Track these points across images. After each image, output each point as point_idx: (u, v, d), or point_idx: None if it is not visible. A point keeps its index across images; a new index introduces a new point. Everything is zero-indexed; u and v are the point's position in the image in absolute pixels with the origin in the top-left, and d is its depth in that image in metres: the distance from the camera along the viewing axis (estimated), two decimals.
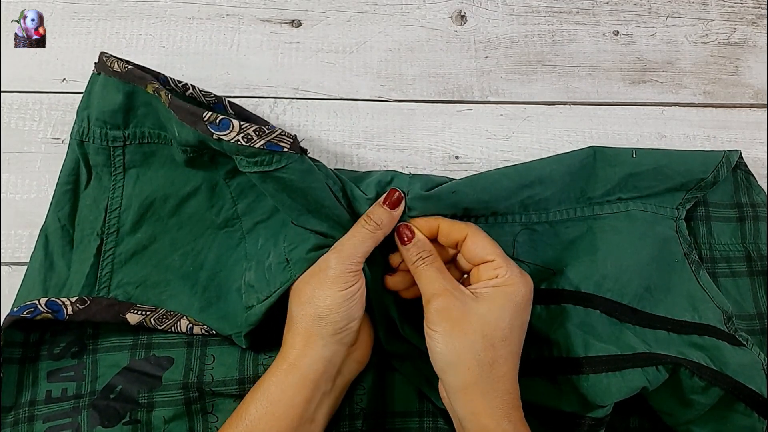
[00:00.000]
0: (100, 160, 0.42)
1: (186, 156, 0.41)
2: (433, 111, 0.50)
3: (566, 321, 0.40)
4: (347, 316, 0.36)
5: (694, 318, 0.41)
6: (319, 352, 0.36)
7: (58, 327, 0.40)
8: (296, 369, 0.35)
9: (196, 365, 0.40)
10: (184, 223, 0.42)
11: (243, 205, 0.43)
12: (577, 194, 0.44)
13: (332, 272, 0.36)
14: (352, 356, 0.38)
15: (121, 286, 0.40)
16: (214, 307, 0.41)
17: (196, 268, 0.42)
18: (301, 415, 0.34)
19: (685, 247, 0.44)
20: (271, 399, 0.35)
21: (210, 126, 0.35)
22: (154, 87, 0.40)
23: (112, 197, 0.42)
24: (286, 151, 0.36)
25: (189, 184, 0.42)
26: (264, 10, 0.52)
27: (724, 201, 0.48)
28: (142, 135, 0.42)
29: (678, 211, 0.45)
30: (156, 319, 0.40)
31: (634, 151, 0.44)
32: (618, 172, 0.43)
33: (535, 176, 0.41)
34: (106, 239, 0.41)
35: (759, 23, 0.54)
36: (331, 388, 0.37)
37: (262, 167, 0.36)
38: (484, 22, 0.53)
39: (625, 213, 0.44)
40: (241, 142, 0.35)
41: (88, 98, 0.42)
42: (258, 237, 0.42)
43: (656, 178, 0.44)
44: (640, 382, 0.37)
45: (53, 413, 0.38)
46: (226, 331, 0.40)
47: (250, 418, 0.34)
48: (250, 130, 0.35)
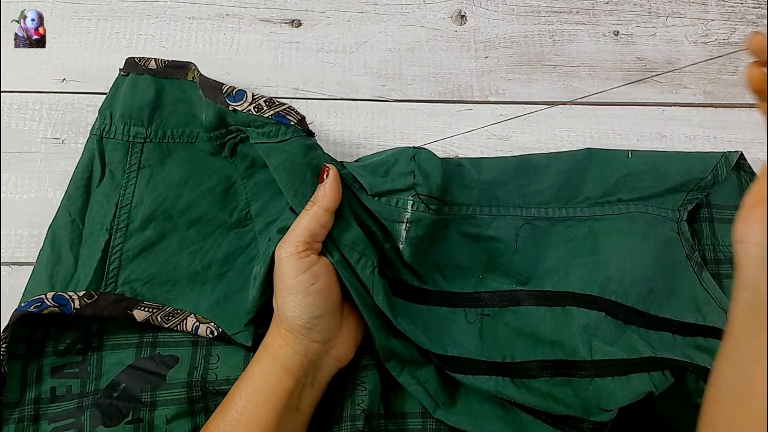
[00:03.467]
0: (116, 157, 0.43)
1: (211, 145, 0.43)
2: (433, 111, 0.50)
3: (571, 323, 0.39)
4: (306, 311, 0.35)
5: (697, 320, 0.41)
6: (293, 346, 0.36)
7: (64, 323, 0.40)
8: (276, 359, 0.35)
9: (201, 364, 0.40)
10: (194, 222, 0.43)
11: (257, 205, 0.44)
12: (574, 193, 0.44)
13: (279, 261, 0.35)
14: (331, 353, 0.38)
15: (128, 283, 0.40)
16: (222, 306, 0.41)
17: (204, 267, 0.42)
18: (284, 404, 0.35)
19: (688, 249, 0.44)
20: (254, 388, 0.35)
21: (227, 98, 0.38)
22: (194, 72, 0.43)
23: (123, 193, 0.42)
24: (293, 125, 0.37)
25: (203, 184, 0.43)
26: (264, 10, 0.52)
27: (728, 202, 0.47)
28: (163, 134, 0.44)
29: (679, 212, 0.45)
30: (162, 316, 0.40)
31: (630, 153, 0.44)
32: (615, 172, 0.44)
33: (530, 165, 0.42)
34: (115, 234, 0.41)
35: (759, 23, 0.54)
36: (312, 382, 0.37)
37: (269, 138, 0.38)
38: (484, 22, 0.53)
39: (627, 215, 0.44)
40: (252, 111, 0.37)
41: (113, 98, 0.44)
42: (269, 237, 0.42)
43: (654, 178, 0.44)
44: (647, 387, 0.37)
45: (58, 413, 0.38)
46: (232, 330, 0.40)
47: (235, 407, 0.35)
48: (261, 101, 0.38)
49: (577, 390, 0.38)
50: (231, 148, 0.43)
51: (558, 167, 0.43)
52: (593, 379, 0.37)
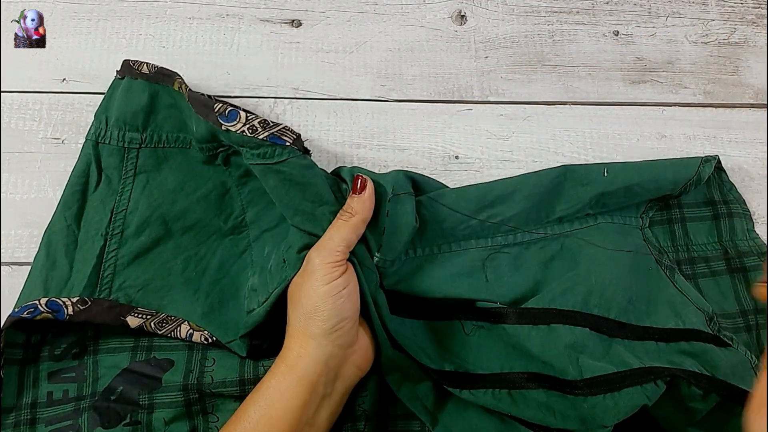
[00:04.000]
0: (112, 162, 0.42)
1: (204, 155, 0.42)
2: (433, 111, 0.50)
3: (557, 342, 0.39)
4: (335, 314, 0.35)
5: (678, 324, 0.41)
6: (314, 354, 0.35)
7: (60, 328, 0.40)
8: (293, 371, 0.35)
9: (197, 367, 0.40)
10: (189, 228, 0.42)
11: (252, 213, 0.43)
12: (546, 213, 0.44)
13: (313, 267, 0.36)
14: (351, 360, 0.38)
15: (122, 289, 0.40)
16: (216, 314, 0.41)
17: (198, 273, 0.42)
18: (299, 418, 0.34)
19: (656, 254, 0.44)
20: (269, 401, 0.35)
21: (219, 117, 0.37)
22: (180, 83, 0.42)
23: (119, 199, 0.42)
24: (288, 145, 0.37)
25: (199, 191, 0.43)
26: (264, 10, 0.52)
27: (698, 200, 0.48)
28: (159, 139, 0.43)
29: (642, 219, 0.45)
30: (156, 323, 0.40)
31: (606, 169, 0.43)
32: (589, 191, 0.43)
33: (495, 196, 0.41)
34: (110, 240, 0.41)
35: (759, 23, 0.54)
36: (331, 393, 0.37)
37: (264, 159, 0.37)
38: (484, 22, 0.53)
39: (595, 226, 0.44)
40: (246, 133, 0.36)
41: (108, 102, 0.44)
42: (264, 245, 0.42)
43: (626, 196, 0.44)
44: (640, 400, 0.36)
45: (55, 416, 0.38)
46: (226, 338, 0.40)
47: (248, 420, 0.34)
48: (255, 122, 0.37)
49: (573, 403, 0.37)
50: (224, 158, 0.43)
51: (526, 192, 0.42)
52: (587, 398, 0.37)
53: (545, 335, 0.39)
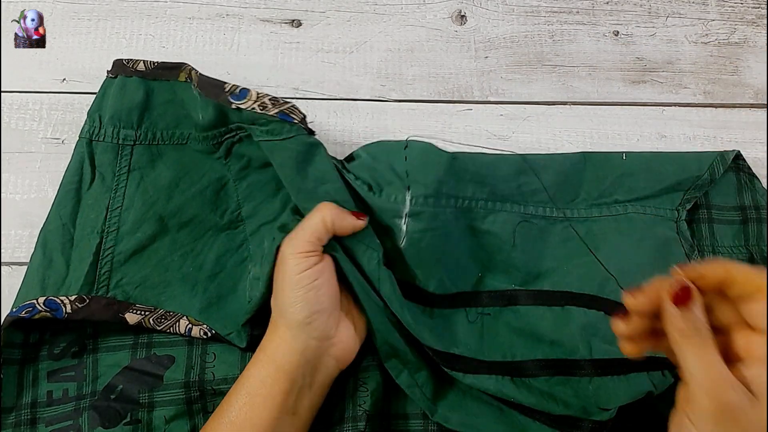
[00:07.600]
0: (106, 160, 0.42)
1: (206, 145, 0.42)
2: (433, 111, 0.50)
3: (570, 323, 0.39)
4: (307, 306, 0.35)
5: None
6: (290, 344, 0.36)
7: (58, 327, 0.40)
8: (272, 361, 0.35)
9: (198, 363, 0.40)
10: (185, 224, 0.42)
11: (249, 207, 0.43)
12: (571, 195, 0.44)
13: (284, 257, 0.36)
14: (330, 352, 0.37)
15: (120, 286, 0.40)
16: (214, 308, 0.41)
17: (195, 269, 0.42)
18: (280, 407, 0.34)
19: (687, 248, 0.44)
20: (250, 390, 0.35)
21: (231, 96, 0.38)
22: (188, 72, 0.42)
23: (114, 196, 0.42)
24: (296, 123, 0.37)
25: (194, 187, 0.43)
26: (264, 10, 0.52)
27: (727, 203, 0.47)
28: (153, 136, 0.44)
29: (678, 212, 0.45)
30: (155, 319, 0.40)
31: (624, 155, 0.44)
32: (609, 173, 0.44)
33: (529, 165, 0.43)
34: (106, 238, 0.41)
35: (759, 23, 0.54)
36: (311, 383, 0.36)
37: (273, 136, 0.38)
38: (484, 22, 0.53)
39: (624, 215, 0.44)
40: (257, 110, 0.37)
41: (101, 100, 0.44)
42: (263, 238, 0.42)
43: (650, 178, 0.44)
44: (646, 386, 0.37)
45: (56, 416, 0.38)
46: (225, 331, 0.40)
47: (232, 409, 0.35)
48: (266, 99, 0.37)
49: (576, 389, 0.38)
50: (227, 148, 0.43)
51: (555, 168, 0.43)
52: (593, 378, 0.37)
53: (559, 315, 0.40)
